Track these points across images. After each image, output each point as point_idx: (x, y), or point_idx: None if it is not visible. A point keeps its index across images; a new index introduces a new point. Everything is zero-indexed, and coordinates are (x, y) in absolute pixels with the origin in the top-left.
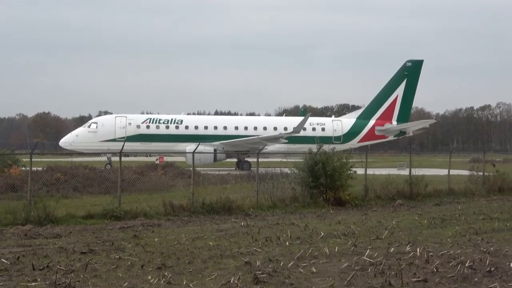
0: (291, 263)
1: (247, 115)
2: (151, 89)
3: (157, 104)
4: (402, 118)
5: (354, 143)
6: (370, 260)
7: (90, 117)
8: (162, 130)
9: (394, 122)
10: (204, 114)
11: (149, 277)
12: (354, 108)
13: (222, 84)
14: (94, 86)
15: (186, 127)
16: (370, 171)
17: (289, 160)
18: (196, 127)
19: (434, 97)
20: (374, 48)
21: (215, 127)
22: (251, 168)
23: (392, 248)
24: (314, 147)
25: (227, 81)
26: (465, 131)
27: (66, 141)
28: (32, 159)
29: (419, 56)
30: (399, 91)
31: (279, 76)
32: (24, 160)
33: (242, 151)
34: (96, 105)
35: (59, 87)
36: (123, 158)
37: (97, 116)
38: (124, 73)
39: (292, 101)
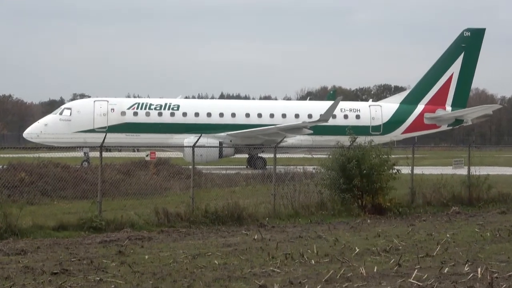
0: (318, 287)
1: (261, 99)
2: (139, 65)
3: (146, 85)
4: (458, 103)
5: (397, 134)
6: (418, 284)
7: (62, 102)
8: (154, 117)
9: (448, 108)
10: (206, 97)
11: None
12: (397, 90)
13: (229, 59)
14: (68, 63)
15: (184, 114)
16: (417, 170)
17: (314, 156)
18: (197, 114)
19: (500, 76)
20: (424, 15)
21: (221, 114)
22: (266, 167)
23: (446, 268)
24: (346, 140)
25: (235, 55)
26: None
27: (32, 132)
28: None
29: (480, 23)
30: (455, 69)
31: (302, 48)
32: None
33: (254, 144)
34: (70, 86)
35: (23, 64)
36: (105, 154)
37: (71, 100)
38: (105, 44)
39: (318, 81)
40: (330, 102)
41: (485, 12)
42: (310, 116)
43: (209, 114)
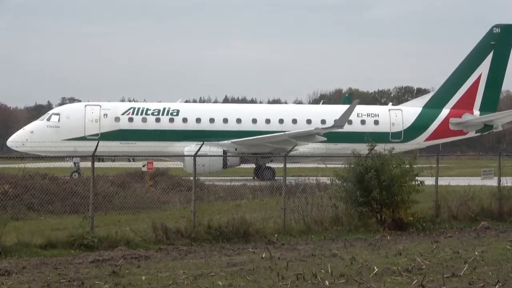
0: None
1: (269, 102)
2: (135, 66)
3: (143, 88)
4: (487, 107)
5: (420, 141)
6: None
7: (50, 107)
8: (151, 124)
9: (476, 112)
10: (209, 101)
11: None
12: (419, 92)
13: (234, 59)
14: (56, 64)
15: (184, 120)
16: (442, 181)
17: (328, 166)
18: (198, 120)
19: None
20: (450, 9)
21: (225, 120)
22: (275, 178)
23: None
24: (363, 148)
25: (241, 54)
26: None
27: (16, 139)
28: None
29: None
30: (483, 69)
31: (314, 47)
32: None
33: (262, 153)
34: (59, 90)
35: (6, 65)
36: (97, 164)
37: (60, 105)
38: (97, 44)
39: (332, 83)
40: (346, 106)
41: None
42: (323, 121)
43: (212, 120)
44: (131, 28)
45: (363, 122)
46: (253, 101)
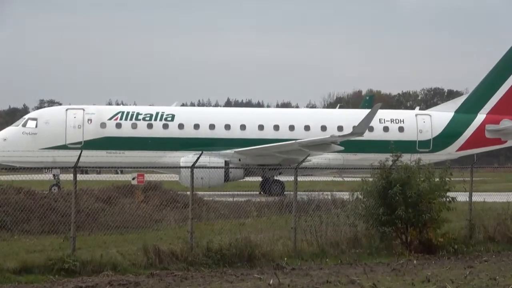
0: None
1: (278, 106)
2: (123, 64)
3: (133, 89)
4: None
5: (452, 151)
6: None
7: (26, 111)
8: (142, 130)
9: None
10: (208, 105)
11: None
12: (451, 95)
13: (237, 57)
14: (33, 62)
15: (180, 126)
16: (477, 197)
17: (346, 179)
18: (197, 126)
19: None
20: (488, 3)
21: (227, 127)
22: (285, 193)
23: None
24: (386, 159)
25: (245, 51)
26: None
27: None
28: None
29: None
30: None
31: (329, 43)
32: None
33: (270, 164)
34: (36, 91)
35: None
36: (80, 176)
37: (38, 108)
38: (79, 39)
39: (350, 84)
40: (366, 111)
41: None
42: (340, 128)
43: (212, 126)
44: (117, 20)
45: (386, 129)
46: (259, 105)
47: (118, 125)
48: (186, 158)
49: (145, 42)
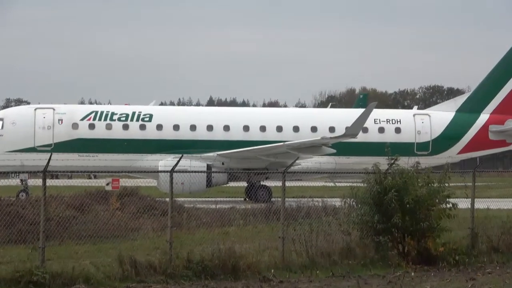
0: None
1: (265, 106)
2: (96, 59)
3: (107, 86)
4: None
5: (453, 154)
6: None
7: None
8: (117, 132)
9: None
10: (189, 104)
11: None
12: (451, 93)
13: (221, 52)
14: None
15: (159, 127)
16: (480, 204)
17: (338, 184)
18: (176, 127)
19: None
20: None
21: (210, 127)
22: (272, 199)
23: None
24: (382, 162)
25: (230, 46)
26: None
27: None
28: None
29: None
30: None
31: (320, 37)
32: None
33: (256, 168)
34: (2, 89)
35: None
36: (50, 181)
37: (3, 108)
38: (49, 30)
39: (343, 82)
40: (360, 110)
41: None
42: (332, 129)
43: (193, 127)
44: (91, 12)
45: (381, 130)
46: (244, 104)
47: (91, 126)
48: (165, 161)
49: (122, 36)
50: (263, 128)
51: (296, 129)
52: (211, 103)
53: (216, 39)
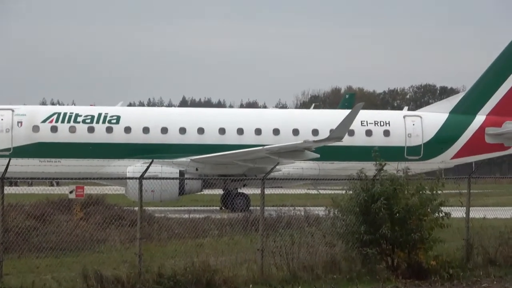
0: None
1: (242, 106)
2: (59, 56)
3: (71, 86)
4: None
5: (446, 159)
6: None
7: None
8: (82, 135)
9: None
10: (160, 105)
11: None
12: (445, 93)
13: (194, 48)
14: None
15: (127, 130)
16: (476, 213)
17: (322, 192)
18: (146, 130)
19: None
20: None
21: (182, 130)
22: (250, 208)
23: None
24: (369, 168)
25: (204, 42)
26: None
27: None
28: None
29: None
30: None
31: (304, 32)
32: None
33: (233, 175)
34: None
35: None
36: (8, 189)
37: None
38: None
39: (328, 81)
40: (346, 111)
41: None
42: (315, 132)
43: (164, 130)
44: (56, 6)
45: (369, 132)
46: (220, 105)
47: (54, 129)
48: (133, 167)
49: (83, 31)
50: (240, 131)
51: (276, 132)
52: (184, 103)
53: (189, 33)
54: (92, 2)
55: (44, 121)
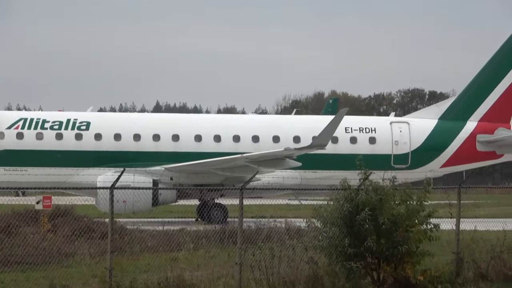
0: None
1: (220, 112)
2: (24, 58)
3: (38, 90)
4: None
5: (435, 167)
6: None
7: None
8: (49, 142)
9: None
10: (133, 110)
11: None
12: (434, 98)
13: (169, 50)
14: None
15: (97, 137)
16: (466, 225)
17: (304, 202)
18: (118, 137)
19: None
20: None
21: (156, 137)
22: (228, 219)
23: None
24: (354, 177)
25: (179, 43)
26: None
27: None
28: None
29: None
30: None
31: (285, 34)
32: None
33: (209, 184)
34: None
35: None
36: None
37: None
38: None
39: (310, 85)
40: (330, 117)
41: None
42: (297, 139)
43: (137, 137)
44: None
45: (353, 140)
46: (196, 110)
47: (20, 135)
48: (104, 176)
49: (48, 32)
50: (217, 138)
51: (255, 139)
52: (158, 109)
53: (163, 35)
54: (56, 3)
55: (9, 128)
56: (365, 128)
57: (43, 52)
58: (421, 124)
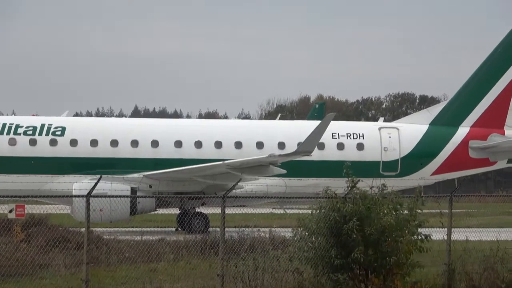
0: None
1: (201, 117)
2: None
3: (11, 93)
4: None
5: (426, 175)
6: None
7: None
8: (23, 148)
9: (509, 132)
10: (110, 115)
11: None
12: (424, 102)
13: (147, 52)
14: None
15: (73, 143)
16: (458, 235)
17: (288, 211)
18: (94, 143)
19: None
20: None
21: (134, 143)
22: (210, 229)
23: None
24: (341, 185)
25: (158, 45)
26: None
27: None
28: None
29: None
30: None
31: (268, 35)
32: None
33: (190, 192)
34: None
35: None
36: None
37: None
38: None
39: (295, 89)
40: (316, 122)
41: None
42: (281, 145)
43: (114, 143)
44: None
45: (340, 146)
46: (176, 115)
47: None
48: (80, 184)
49: (22, 35)
50: (198, 144)
51: (238, 145)
52: (136, 113)
53: (139, 35)
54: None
55: None
56: (353, 134)
57: (15, 52)
58: (411, 129)
